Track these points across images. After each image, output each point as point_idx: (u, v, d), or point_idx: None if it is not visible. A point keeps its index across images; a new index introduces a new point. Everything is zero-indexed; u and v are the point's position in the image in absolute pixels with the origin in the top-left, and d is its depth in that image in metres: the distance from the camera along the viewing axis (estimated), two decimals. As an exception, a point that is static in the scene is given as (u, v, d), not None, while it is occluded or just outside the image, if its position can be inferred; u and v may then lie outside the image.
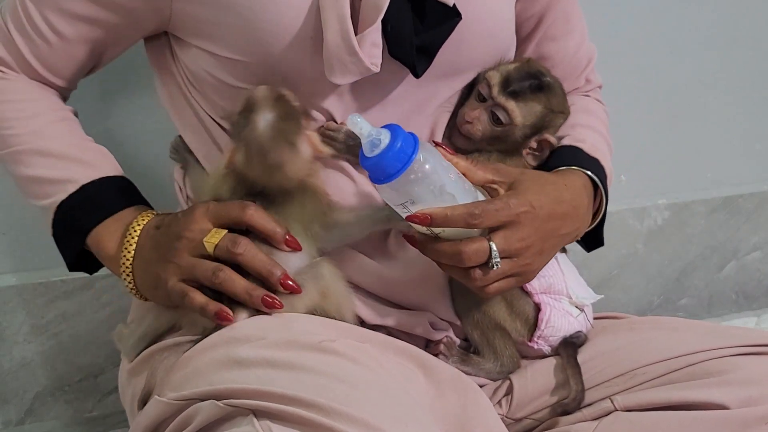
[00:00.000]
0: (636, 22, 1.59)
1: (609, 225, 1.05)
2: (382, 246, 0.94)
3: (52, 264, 1.31)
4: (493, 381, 0.99)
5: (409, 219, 0.82)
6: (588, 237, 1.02)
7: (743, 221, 1.80)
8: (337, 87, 0.88)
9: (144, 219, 0.90)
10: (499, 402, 0.97)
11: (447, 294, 0.97)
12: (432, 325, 0.97)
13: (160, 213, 0.93)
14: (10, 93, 0.95)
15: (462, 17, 0.86)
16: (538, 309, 0.97)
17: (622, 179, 1.65)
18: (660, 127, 1.68)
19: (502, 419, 0.93)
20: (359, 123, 0.80)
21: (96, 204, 0.92)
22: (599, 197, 0.99)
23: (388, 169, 0.79)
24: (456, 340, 0.99)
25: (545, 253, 0.90)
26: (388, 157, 0.78)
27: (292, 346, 0.78)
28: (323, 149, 0.87)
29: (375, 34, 0.83)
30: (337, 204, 0.88)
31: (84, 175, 0.92)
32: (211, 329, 0.83)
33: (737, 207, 1.78)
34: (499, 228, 0.84)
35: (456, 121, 0.96)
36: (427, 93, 0.93)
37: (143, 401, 0.84)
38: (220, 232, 0.84)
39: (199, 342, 0.82)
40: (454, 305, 0.98)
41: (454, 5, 0.86)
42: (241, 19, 0.85)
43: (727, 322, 1.78)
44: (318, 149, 0.86)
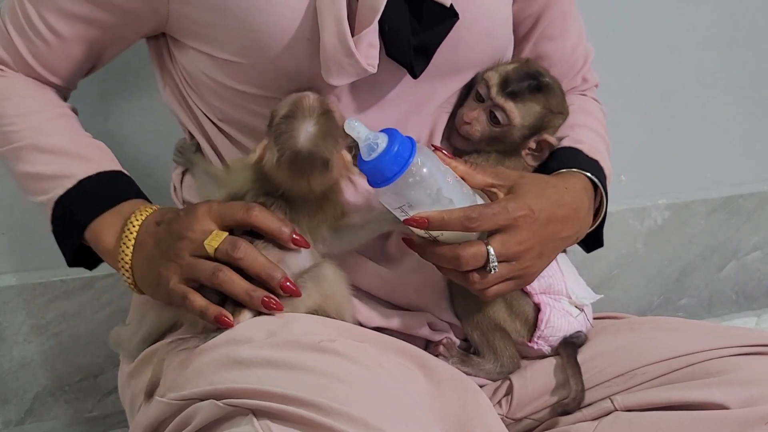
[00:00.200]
0: (635, 22, 1.59)
1: (609, 225, 1.05)
2: (382, 248, 0.94)
3: (52, 264, 1.31)
4: (493, 381, 0.99)
5: (407, 222, 0.82)
6: (588, 238, 1.02)
7: (743, 221, 1.80)
8: (335, 88, 0.87)
9: (143, 213, 0.90)
10: (499, 402, 0.97)
11: (446, 295, 0.97)
12: (432, 326, 0.97)
13: (159, 208, 0.92)
14: (9, 90, 0.95)
15: (459, 17, 0.86)
16: (537, 309, 0.97)
17: (622, 179, 1.65)
18: (660, 127, 1.68)
19: (502, 419, 0.93)
20: (356, 127, 0.80)
21: (93, 198, 0.92)
22: (599, 198, 0.99)
23: (385, 173, 0.79)
24: (456, 340, 0.99)
25: (545, 256, 0.90)
26: (385, 161, 0.79)
27: (292, 346, 0.78)
28: (353, 170, 0.86)
29: (372, 34, 0.83)
30: (350, 209, 0.88)
31: (82, 170, 0.92)
32: (214, 328, 0.83)
33: (737, 207, 1.78)
34: (498, 231, 0.84)
35: (455, 122, 0.96)
36: (425, 93, 0.93)
37: (149, 393, 0.84)
38: (221, 234, 0.84)
39: (205, 344, 0.82)
40: (453, 306, 0.98)
41: (451, 5, 0.85)
42: (238, 21, 0.84)
43: (727, 322, 1.78)
44: (348, 169, 0.86)
